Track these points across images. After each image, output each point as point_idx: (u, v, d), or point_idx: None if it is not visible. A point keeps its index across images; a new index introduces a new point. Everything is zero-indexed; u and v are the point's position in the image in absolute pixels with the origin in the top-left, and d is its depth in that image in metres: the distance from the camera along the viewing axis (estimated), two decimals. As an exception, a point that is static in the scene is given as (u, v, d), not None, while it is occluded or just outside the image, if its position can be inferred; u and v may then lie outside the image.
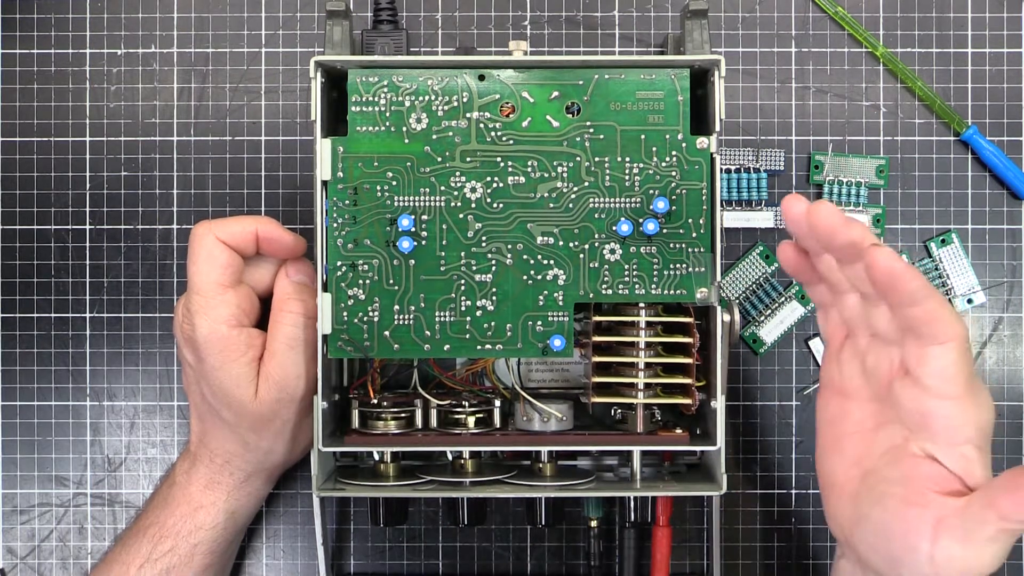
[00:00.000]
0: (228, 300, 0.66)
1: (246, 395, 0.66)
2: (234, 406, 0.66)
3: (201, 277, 0.66)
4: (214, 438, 0.69)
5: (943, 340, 0.56)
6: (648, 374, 0.67)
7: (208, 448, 0.69)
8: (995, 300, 0.76)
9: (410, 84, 0.65)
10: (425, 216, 0.66)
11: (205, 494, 0.69)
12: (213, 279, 0.66)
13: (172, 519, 0.69)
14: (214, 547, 0.69)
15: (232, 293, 0.66)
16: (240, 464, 0.69)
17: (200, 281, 0.66)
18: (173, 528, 0.68)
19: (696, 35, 0.67)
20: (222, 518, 0.69)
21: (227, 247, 0.66)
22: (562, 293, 0.66)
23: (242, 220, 0.67)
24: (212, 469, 0.69)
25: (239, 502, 0.70)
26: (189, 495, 0.69)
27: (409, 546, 0.76)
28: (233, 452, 0.68)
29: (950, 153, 0.76)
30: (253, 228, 0.66)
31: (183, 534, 0.68)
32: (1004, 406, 0.76)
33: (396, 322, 0.66)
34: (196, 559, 0.68)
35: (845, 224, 0.57)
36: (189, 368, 0.68)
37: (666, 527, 0.72)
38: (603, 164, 0.66)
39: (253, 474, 0.69)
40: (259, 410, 0.66)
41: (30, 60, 0.76)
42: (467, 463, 0.70)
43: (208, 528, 0.69)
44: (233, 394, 0.66)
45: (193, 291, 0.66)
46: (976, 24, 0.76)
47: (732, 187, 0.74)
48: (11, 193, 0.76)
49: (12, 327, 0.76)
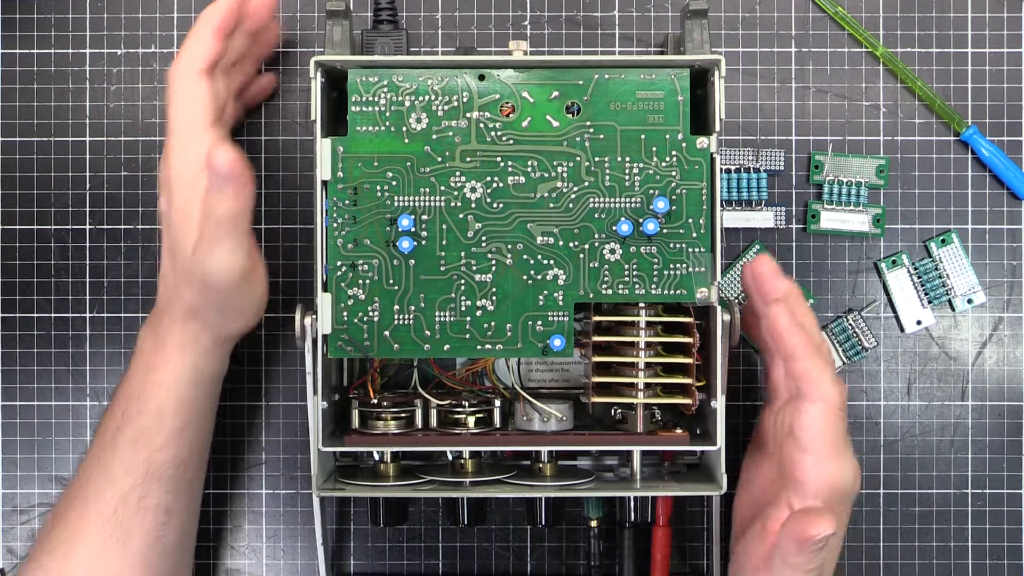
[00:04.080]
0: (205, 141, 0.64)
1: (188, 245, 0.64)
2: (179, 258, 0.65)
3: (180, 117, 0.65)
4: (171, 291, 0.67)
5: (812, 399, 0.63)
6: (648, 374, 0.67)
7: (170, 304, 0.67)
8: (995, 300, 0.76)
9: (410, 84, 0.66)
10: (425, 216, 0.66)
11: (160, 352, 0.67)
12: (196, 120, 0.65)
13: (134, 384, 0.67)
14: (182, 406, 0.67)
15: (211, 131, 0.65)
16: (191, 321, 0.67)
17: (179, 121, 0.65)
18: (136, 392, 0.67)
19: (696, 35, 0.67)
20: (183, 375, 0.67)
21: (208, 79, 0.65)
22: (562, 293, 0.66)
23: (199, 28, 0.66)
24: (166, 326, 0.67)
25: (197, 358, 0.67)
26: (147, 356, 0.67)
27: (409, 546, 0.76)
28: (187, 309, 0.66)
29: (950, 153, 0.76)
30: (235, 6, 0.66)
31: (145, 396, 0.67)
32: (1004, 406, 0.76)
33: (396, 322, 0.66)
34: (166, 419, 0.67)
35: (772, 277, 0.64)
36: (163, 217, 0.66)
37: (666, 527, 0.72)
38: (603, 164, 0.66)
39: (203, 332, 0.67)
40: (192, 271, 0.64)
41: (30, 60, 0.76)
42: (467, 463, 0.70)
43: (169, 386, 0.67)
44: (180, 241, 0.64)
45: (171, 132, 0.65)
46: (976, 24, 0.76)
47: (732, 187, 0.74)
48: (11, 193, 0.76)
49: (12, 327, 0.76)
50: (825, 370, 0.63)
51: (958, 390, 0.76)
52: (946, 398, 0.76)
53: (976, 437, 0.76)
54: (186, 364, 0.67)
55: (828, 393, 0.63)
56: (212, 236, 0.63)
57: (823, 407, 0.63)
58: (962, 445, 0.76)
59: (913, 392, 0.76)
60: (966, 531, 0.76)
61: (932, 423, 0.76)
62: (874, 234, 0.75)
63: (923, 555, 0.76)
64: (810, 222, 0.75)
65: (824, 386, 0.63)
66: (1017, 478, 0.76)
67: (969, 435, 0.76)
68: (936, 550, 0.76)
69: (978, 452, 0.76)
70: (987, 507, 0.76)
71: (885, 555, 0.76)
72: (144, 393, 0.67)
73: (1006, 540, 0.76)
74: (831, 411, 0.63)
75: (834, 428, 0.63)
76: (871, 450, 0.76)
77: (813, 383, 0.63)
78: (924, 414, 0.76)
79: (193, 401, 0.68)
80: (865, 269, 0.76)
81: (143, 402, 0.67)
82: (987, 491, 0.76)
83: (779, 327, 0.63)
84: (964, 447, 0.76)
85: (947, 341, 0.76)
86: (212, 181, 0.62)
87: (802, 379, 0.63)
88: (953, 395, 0.76)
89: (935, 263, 0.76)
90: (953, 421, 0.76)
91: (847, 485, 0.63)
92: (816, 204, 0.75)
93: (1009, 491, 0.76)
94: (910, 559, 0.76)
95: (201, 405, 0.69)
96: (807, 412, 0.63)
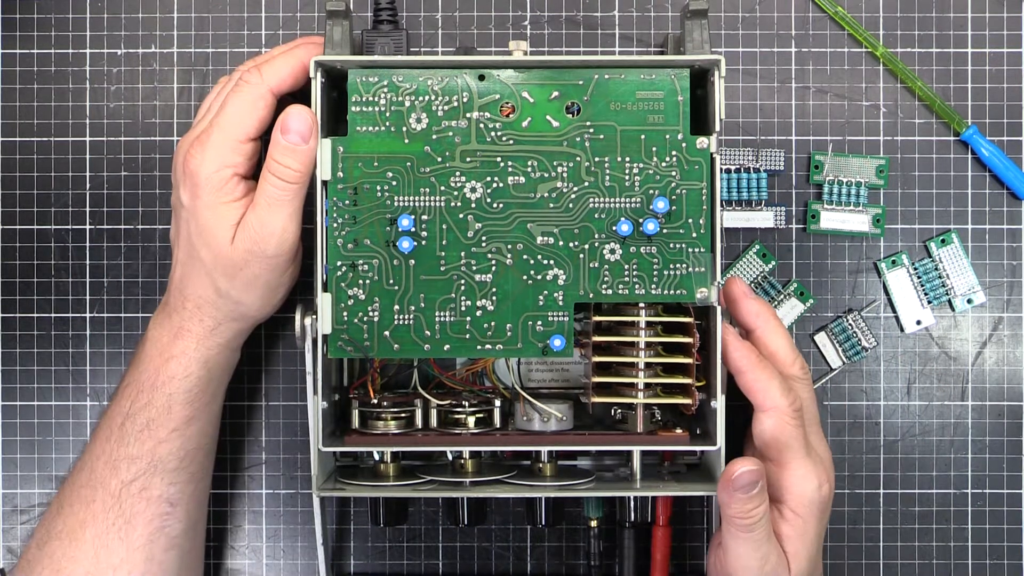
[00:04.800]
0: (246, 149, 0.66)
1: (225, 237, 0.66)
2: (212, 246, 0.66)
3: (231, 120, 0.66)
4: (190, 282, 0.68)
5: (764, 409, 0.65)
6: (648, 374, 0.67)
7: (183, 294, 0.68)
8: (995, 300, 0.76)
9: (410, 84, 0.65)
10: (425, 216, 0.66)
11: (175, 344, 0.68)
12: (245, 127, 0.66)
13: (146, 374, 0.68)
14: (190, 398, 0.68)
15: (252, 145, 0.67)
16: (210, 311, 0.68)
17: (229, 123, 0.66)
18: (147, 382, 0.67)
19: (696, 35, 0.67)
20: (195, 367, 0.68)
21: (272, 102, 0.67)
22: (562, 293, 0.66)
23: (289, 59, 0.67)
24: (183, 317, 0.68)
25: (210, 351, 0.68)
26: (160, 347, 0.68)
27: (409, 546, 0.76)
28: (205, 298, 0.67)
29: (950, 153, 0.76)
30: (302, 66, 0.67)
31: (157, 385, 0.67)
32: (1004, 406, 0.76)
33: (396, 322, 0.66)
34: (174, 410, 0.67)
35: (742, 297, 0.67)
36: (182, 209, 0.67)
37: (666, 527, 0.72)
38: (603, 164, 0.66)
39: (223, 323, 0.68)
40: (232, 256, 0.66)
41: (30, 60, 0.76)
42: (467, 463, 0.70)
43: (181, 378, 0.67)
44: (215, 233, 0.66)
45: (217, 128, 0.66)
46: (976, 24, 0.76)
47: (732, 187, 0.74)
48: (11, 193, 0.76)
49: (12, 327, 0.76)
50: (772, 380, 0.65)
51: (958, 390, 0.76)
52: (946, 398, 0.76)
53: (976, 437, 0.76)
54: (199, 355, 0.68)
55: (778, 401, 0.65)
56: (276, 199, 0.65)
57: (775, 415, 0.65)
58: (962, 445, 0.76)
59: (913, 392, 0.76)
60: (966, 531, 0.76)
61: (932, 423, 0.76)
62: (874, 234, 0.75)
63: (923, 555, 0.76)
64: (810, 222, 0.75)
65: (773, 394, 0.65)
66: (1017, 478, 0.76)
67: (969, 435, 0.76)
68: (936, 550, 0.76)
69: (978, 452, 0.76)
70: (987, 507, 0.76)
71: (885, 555, 0.76)
72: (156, 383, 0.67)
73: (1006, 540, 0.75)
74: (782, 418, 0.65)
75: (787, 435, 0.65)
76: (871, 450, 0.76)
77: (761, 393, 0.65)
78: (924, 414, 0.76)
79: (202, 393, 0.68)
80: (865, 269, 0.76)
81: (153, 392, 0.67)
82: (987, 491, 0.76)
83: (725, 342, 0.65)
84: (964, 447, 0.76)
85: (947, 341, 0.76)
86: (284, 141, 0.64)
87: (751, 391, 0.65)
88: (953, 395, 0.76)
89: (935, 263, 0.76)
90: (953, 421, 0.76)
91: (811, 490, 0.65)
92: (816, 204, 0.75)
93: (1009, 491, 0.76)
94: (910, 559, 0.76)
95: (210, 397, 0.69)
96: (761, 422, 0.65)
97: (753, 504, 0.62)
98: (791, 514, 0.65)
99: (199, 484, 0.70)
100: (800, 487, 0.65)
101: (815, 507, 0.65)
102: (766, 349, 0.67)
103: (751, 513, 0.62)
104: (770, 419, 0.65)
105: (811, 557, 0.65)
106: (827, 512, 0.66)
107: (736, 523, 0.63)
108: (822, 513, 0.66)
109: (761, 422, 0.65)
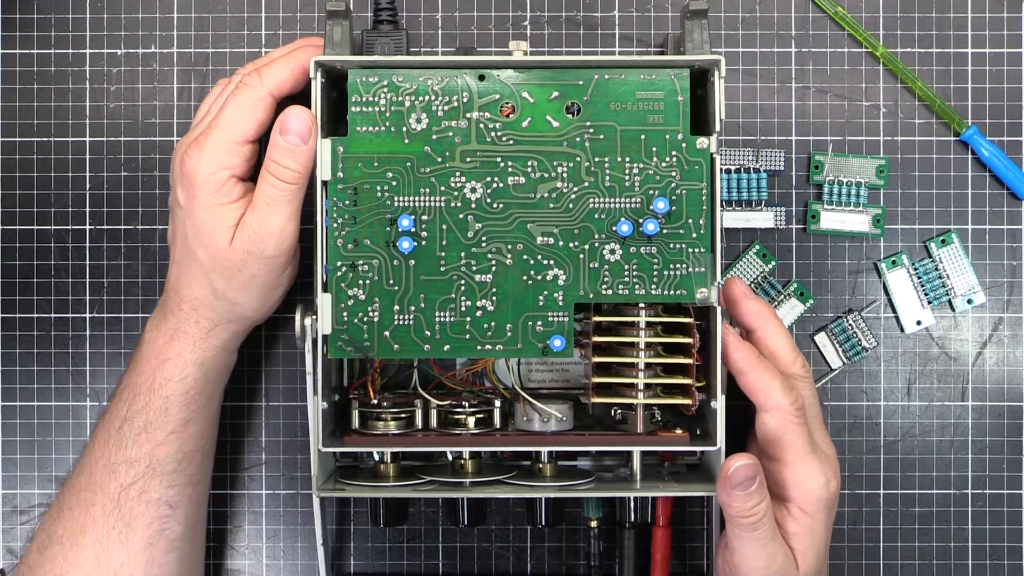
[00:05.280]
0: (244, 152, 0.66)
1: (223, 238, 0.66)
2: (210, 247, 0.66)
3: (230, 122, 0.66)
4: (186, 283, 0.68)
5: (766, 409, 0.65)
6: (648, 374, 0.67)
7: (179, 295, 0.68)
8: (995, 300, 0.76)
9: (410, 84, 0.65)
10: (425, 216, 0.66)
11: (171, 346, 0.68)
12: (243, 129, 0.66)
13: (142, 376, 0.68)
14: (187, 400, 0.68)
15: (250, 147, 0.67)
16: (207, 312, 0.68)
17: (227, 125, 0.66)
18: (144, 384, 0.67)
19: (696, 35, 0.67)
20: (191, 369, 0.68)
21: (271, 105, 0.67)
22: (562, 293, 0.66)
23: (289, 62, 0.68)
24: (179, 318, 0.68)
25: (207, 353, 0.68)
26: (156, 349, 0.68)
27: (409, 546, 0.76)
28: (201, 299, 0.67)
29: (950, 153, 0.76)
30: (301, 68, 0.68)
31: (154, 388, 0.67)
32: (1004, 406, 0.76)
33: (396, 322, 0.66)
34: (171, 412, 0.67)
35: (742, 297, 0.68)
36: (179, 209, 0.67)
37: (666, 527, 0.72)
38: (603, 164, 0.66)
39: (219, 324, 0.68)
40: (231, 256, 0.66)
41: (30, 60, 0.76)
42: (467, 463, 0.70)
43: (177, 380, 0.67)
44: (212, 234, 0.66)
45: (216, 129, 0.66)
46: (976, 24, 0.76)
47: (732, 187, 0.74)
48: (11, 193, 0.76)
49: (12, 327, 0.76)
50: (773, 379, 0.65)
51: (958, 390, 0.76)
52: (946, 398, 0.76)
53: (976, 437, 0.76)
54: (196, 357, 0.68)
55: (780, 401, 0.65)
56: (274, 199, 0.65)
57: (777, 414, 0.65)
58: (962, 445, 0.76)
59: (913, 392, 0.76)
60: (966, 531, 0.76)
61: (932, 423, 0.76)
62: (874, 234, 0.75)
63: (923, 555, 0.76)
64: (810, 222, 0.75)
65: (774, 394, 0.65)
66: (1017, 478, 0.76)
67: (969, 435, 0.76)
68: (936, 550, 0.76)
69: (978, 452, 0.76)
70: (987, 507, 0.76)
71: (885, 555, 0.76)
72: (153, 386, 0.67)
73: (1006, 540, 0.76)
74: (785, 417, 0.65)
75: (791, 433, 0.65)
76: (871, 450, 0.76)
77: (763, 393, 0.65)
78: (924, 414, 0.76)
79: (199, 395, 0.68)
80: (865, 269, 0.76)
81: (150, 395, 0.67)
82: (987, 491, 0.76)
83: (725, 342, 0.65)
84: (964, 447, 0.76)
85: (947, 341, 0.76)
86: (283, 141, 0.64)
87: (753, 391, 0.65)
88: (953, 395, 0.76)
89: (935, 263, 0.76)
90: (953, 421, 0.76)
91: (817, 487, 0.65)
92: (816, 204, 0.75)
93: (1009, 491, 0.76)
94: (910, 559, 0.76)
95: (207, 400, 0.69)
96: (764, 422, 0.65)
97: (754, 501, 0.62)
98: (799, 512, 0.65)
99: (198, 486, 0.70)
100: (807, 485, 0.65)
101: (823, 504, 0.65)
102: (767, 349, 0.67)
103: (753, 511, 0.62)
104: (773, 419, 0.65)
105: (820, 555, 0.65)
106: (834, 509, 0.66)
107: (739, 523, 0.63)
108: (830, 510, 0.66)
109: (764, 422, 0.65)
